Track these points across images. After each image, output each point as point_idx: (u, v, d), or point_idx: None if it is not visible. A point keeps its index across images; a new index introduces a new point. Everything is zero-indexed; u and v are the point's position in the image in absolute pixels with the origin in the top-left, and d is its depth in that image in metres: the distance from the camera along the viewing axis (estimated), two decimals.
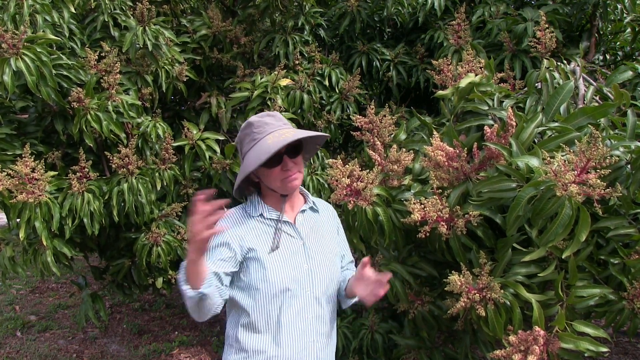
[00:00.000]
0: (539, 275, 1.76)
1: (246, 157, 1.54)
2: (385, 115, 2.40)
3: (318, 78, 3.72)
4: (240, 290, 1.57)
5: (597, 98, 2.25)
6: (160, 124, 2.95)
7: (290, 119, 3.10)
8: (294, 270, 1.55)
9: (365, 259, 1.56)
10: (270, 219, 1.59)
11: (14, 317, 4.86)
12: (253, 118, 1.58)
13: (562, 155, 1.60)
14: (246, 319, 1.56)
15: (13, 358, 4.04)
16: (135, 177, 2.79)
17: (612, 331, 2.14)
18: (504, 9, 3.60)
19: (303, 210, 1.67)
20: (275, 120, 1.57)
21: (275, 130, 1.52)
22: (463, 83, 2.12)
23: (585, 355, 1.62)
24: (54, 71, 2.45)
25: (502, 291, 1.73)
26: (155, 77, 3.00)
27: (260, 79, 3.25)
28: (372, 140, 2.32)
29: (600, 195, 1.48)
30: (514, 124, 1.83)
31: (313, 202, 1.72)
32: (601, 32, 3.46)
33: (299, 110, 3.47)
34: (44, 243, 2.53)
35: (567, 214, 1.53)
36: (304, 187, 3.38)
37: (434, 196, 1.85)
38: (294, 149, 1.55)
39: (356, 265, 1.68)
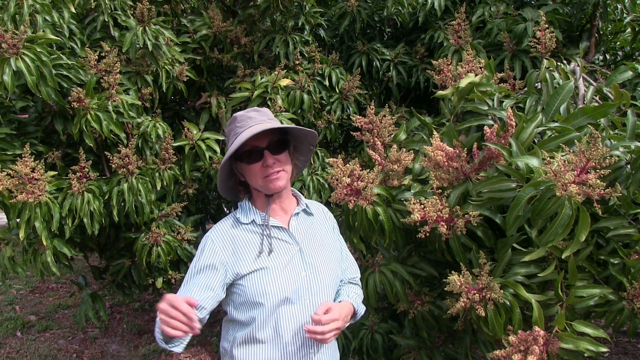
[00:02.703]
0: (538, 275, 1.77)
1: (227, 152, 1.51)
2: (385, 115, 2.40)
3: (318, 78, 3.72)
4: (237, 306, 1.51)
5: (597, 98, 2.25)
6: (160, 124, 2.95)
7: (291, 119, 3.10)
8: (291, 279, 1.48)
9: None
10: (261, 225, 1.53)
11: (14, 317, 4.86)
12: (238, 113, 1.54)
13: (562, 156, 1.60)
14: (242, 332, 1.50)
15: (13, 358, 4.04)
16: (135, 177, 2.79)
17: (612, 331, 2.14)
18: (504, 9, 3.60)
19: (297, 214, 1.61)
20: (259, 114, 1.53)
21: (257, 124, 1.48)
22: (463, 83, 2.12)
23: (585, 355, 1.62)
24: (54, 71, 2.45)
25: (502, 291, 1.73)
26: (155, 77, 3.00)
27: (261, 79, 3.25)
28: (372, 140, 2.32)
29: (600, 195, 1.48)
30: (514, 124, 1.83)
31: (306, 204, 1.65)
32: (601, 32, 3.46)
33: (299, 111, 3.47)
34: (44, 243, 2.53)
35: (567, 214, 1.53)
36: (304, 187, 3.38)
37: (434, 196, 1.85)
38: (277, 145, 1.50)
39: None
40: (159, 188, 2.92)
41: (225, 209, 4.95)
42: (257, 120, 1.50)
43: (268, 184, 1.49)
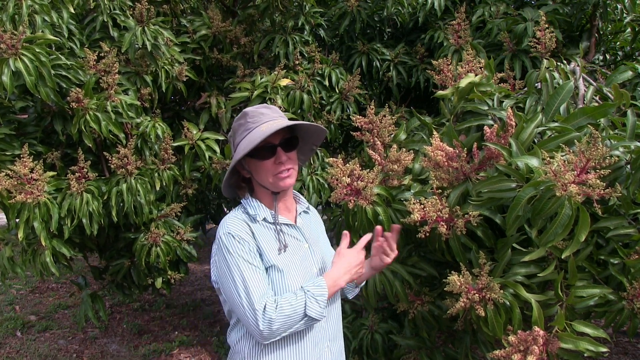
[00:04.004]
0: (538, 275, 1.76)
1: (238, 147, 1.48)
2: (385, 115, 2.40)
3: (318, 78, 3.72)
4: None
5: (597, 98, 2.24)
6: (159, 124, 2.94)
7: (291, 119, 3.09)
8: (307, 276, 1.49)
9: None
10: (273, 223, 1.52)
11: (14, 317, 4.86)
12: (249, 108, 1.52)
13: (562, 156, 1.60)
14: None
15: (13, 358, 4.04)
16: (134, 178, 2.79)
17: (612, 331, 2.14)
18: (504, 9, 3.60)
19: (299, 213, 1.63)
20: (271, 111, 1.52)
21: (270, 120, 1.47)
22: (463, 83, 2.12)
23: (585, 355, 1.62)
24: (53, 71, 2.44)
25: (501, 291, 1.72)
26: (154, 77, 3.00)
27: (260, 79, 3.24)
28: (372, 140, 2.32)
29: (599, 195, 1.48)
30: (514, 124, 1.83)
31: (307, 204, 1.69)
32: (601, 32, 3.46)
33: (299, 110, 3.47)
34: (43, 243, 2.53)
35: (567, 214, 1.53)
36: (304, 187, 3.38)
37: (434, 196, 1.85)
38: (288, 143, 1.50)
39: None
40: (158, 188, 2.92)
41: (225, 209, 4.94)
42: (270, 117, 1.49)
43: (278, 181, 1.48)
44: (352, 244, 2.22)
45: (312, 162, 3.52)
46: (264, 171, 1.48)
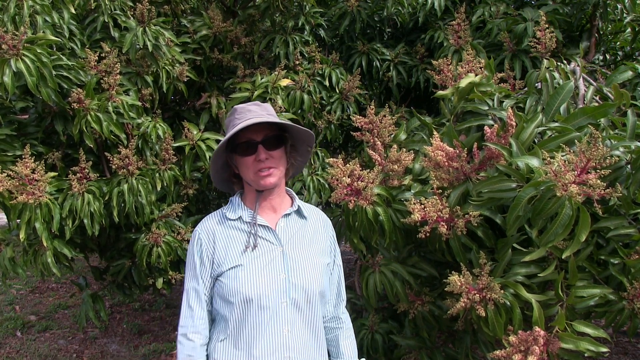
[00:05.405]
0: (539, 275, 1.77)
1: (222, 141, 1.50)
2: (385, 116, 2.41)
3: (318, 78, 3.72)
4: (215, 301, 1.53)
5: (597, 98, 2.25)
6: (160, 125, 2.94)
7: (291, 119, 3.10)
8: (269, 280, 1.46)
9: None
10: (248, 222, 1.52)
11: (14, 317, 4.86)
12: (239, 105, 1.54)
13: (562, 156, 1.60)
14: (220, 329, 1.52)
15: (13, 358, 4.04)
16: (136, 178, 2.79)
17: (612, 331, 2.14)
18: (504, 9, 3.60)
19: (287, 214, 1.57)
20: (260, 109, 1.52)
21: (255, 117, 1.46)
22: (463, 83, 2.12)
23: (585, 355, 1.62)
24: (54, 72, 2.45)
25: (502, 291, 1.73)
26: (155, 77, 3.00)
27: (261, 79, 3.25)
28: (372, 140, 2.33)
29: (600, 195, 1.48)
30: (514, 124, 1.83)
31: (299, 206, 1.60)
32: (601, 32, 3.46)
33: (299, 111, 3.47)
34: (44, 244, 2.53)
35: (567, 214, 1.53)
36: (304, 187, 3.38)
37: (434, 196, 1.85)
38: (272, 141, 1.49)
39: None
40: (159, 189, 2.92)
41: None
42: (256, 114, 1.49)
43: (259, 179, 1.48)
44: (351, 243, 2.23)
45: (312, 162, 3.53)
46: (245, 167, 1.50)
